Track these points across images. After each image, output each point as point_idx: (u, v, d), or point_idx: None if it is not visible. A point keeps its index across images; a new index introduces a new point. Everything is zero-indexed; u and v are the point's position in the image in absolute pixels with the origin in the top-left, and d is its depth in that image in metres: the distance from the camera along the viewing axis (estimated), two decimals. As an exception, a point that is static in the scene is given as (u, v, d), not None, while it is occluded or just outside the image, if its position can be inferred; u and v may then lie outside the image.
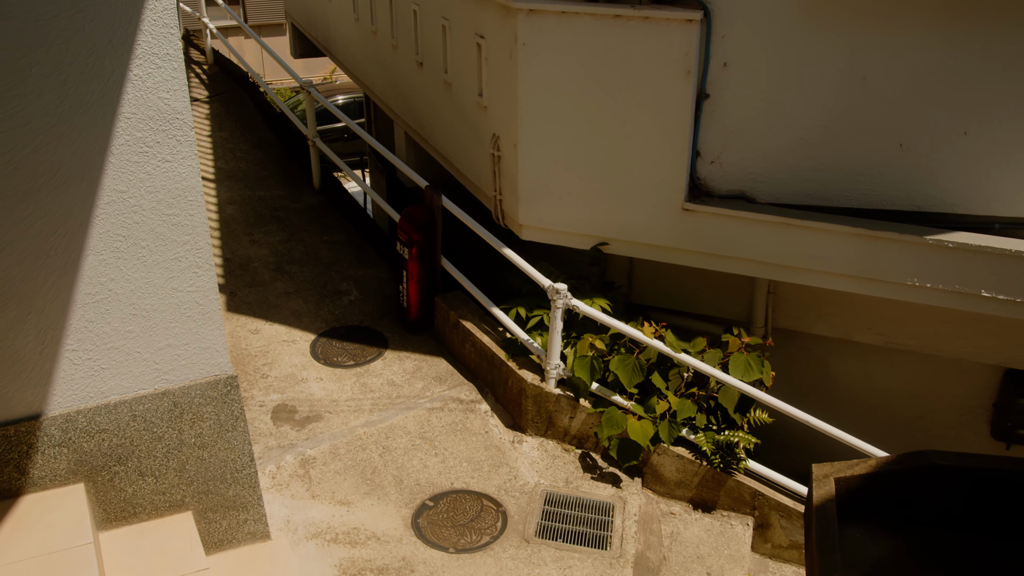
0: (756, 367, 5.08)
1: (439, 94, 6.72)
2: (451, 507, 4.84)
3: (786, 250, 5.18)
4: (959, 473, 3.02)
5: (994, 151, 4.95)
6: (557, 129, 5.35)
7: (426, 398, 5.61)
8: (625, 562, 4.57)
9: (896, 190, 5.19)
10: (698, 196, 5.28)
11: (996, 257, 4.83)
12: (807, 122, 5.09)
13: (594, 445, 5.30)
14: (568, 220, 5.61)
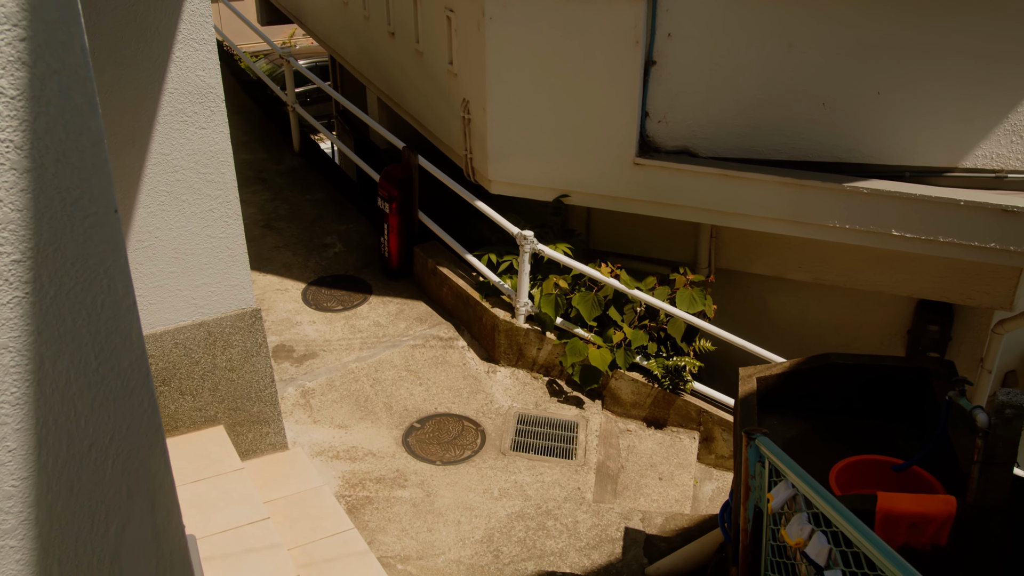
0: (700, 301, 5.82)
1: (411, 62, 7.31)
2: (436, 428, 5.54)
3: (725, 198, 5.90)
4: (853, 370, 3.78)
5: (904, 108, 5.69)
6: (522, 94, 5.99)
7: (409, 336, 6.28)
8: (588, 469, 5.31)
9: (820, 144, 5.91)
10: (647, 152, 5.97)
11: (905, 201, 5.59)
12: (742, 85, 5.79)
13: (559, 372, 6.02)
14: (532, 175, 6.27)
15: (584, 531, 4.59)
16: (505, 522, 4.62)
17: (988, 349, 6.44)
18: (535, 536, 4.52)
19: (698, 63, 5.75)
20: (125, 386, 1.52)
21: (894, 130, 5.80)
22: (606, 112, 5.88)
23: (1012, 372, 6.99)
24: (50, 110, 1.26)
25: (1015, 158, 5.80)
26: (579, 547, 4.46)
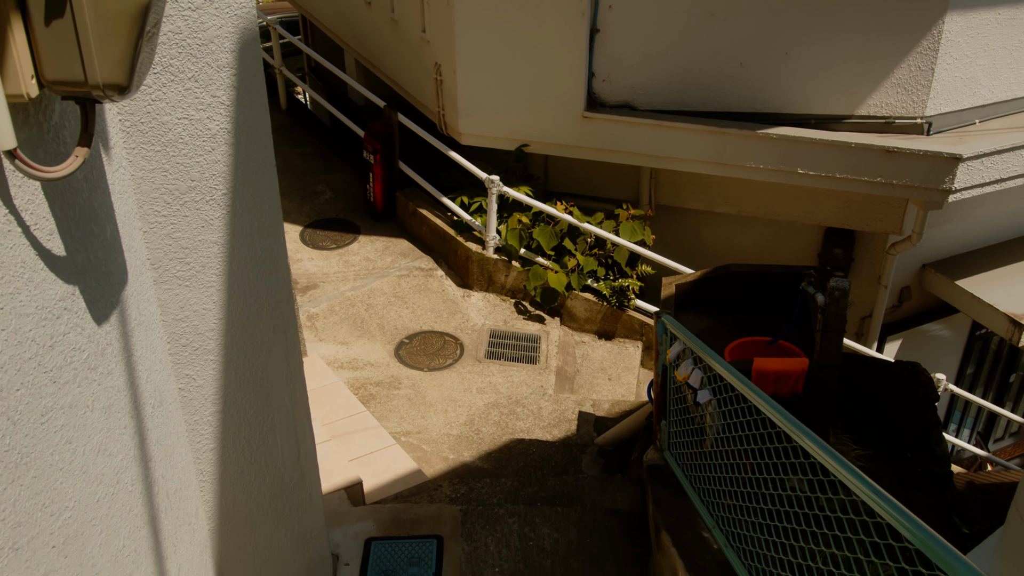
0: (640, 231, 6.95)
1: (387, 29, 8.27)
2: (422, 342, 6.65)
3: (661, 145, 7.00)
4: (748, 276, 4.93)
5: (808, 66, 6.79)
6: (487, 58, 7.01)
7: (395, 268, 7.36)
8: (550, 372, 6.46)
9: (739, 97, 7.02)
10: (594, 107, 7.04)
11: (807, 144, 6.73)
12: (672, 49, 6.85)
13: (524, 295, 7.14)
14: (497, 128, 7.32)
15: (546, 415, 5.76)
16: (483, 410, 5.77)
17: (884, 268, 7.67)
18: (507, 419, 5.67)
19: (635, 31, 6.81)
20: (274, 265, 2.60)
21: (800, 85, 6.92)
22: (558, 73, 6.93)
23: (907, 288, 8.26)
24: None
25: (900, 106, 6.96)
26: (542, 426, 5.62)
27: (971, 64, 6.87)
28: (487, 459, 5.00)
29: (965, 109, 7.12)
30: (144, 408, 2.14)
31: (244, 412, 2.64)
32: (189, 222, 2.32)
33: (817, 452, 2.51)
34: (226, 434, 2.62)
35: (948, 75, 6.81)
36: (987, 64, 6.92)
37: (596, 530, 3.98)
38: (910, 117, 7.00)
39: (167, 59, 2.10)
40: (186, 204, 2.31)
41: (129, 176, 2.18)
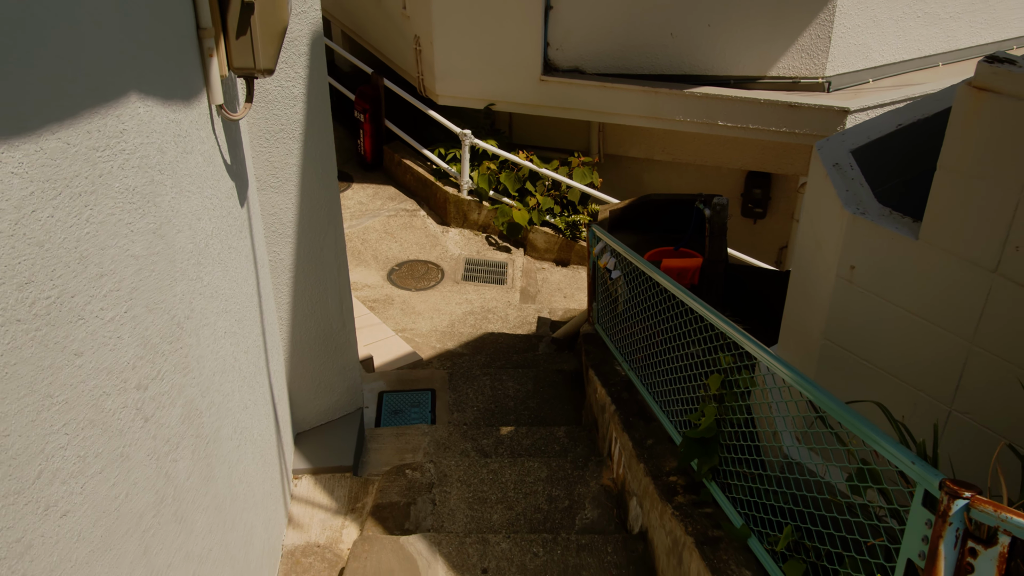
0: (589, 175, 8.39)
1: (372, 5, 9.58)
2: (410, 269, 8.07)
3: (606, 103, 8.41)
4: (663, 203, 6.38)
5: (727, 35, 8.21)
6: (459, 31, 8.36)
7: (384, 210, 8.76)
8: (515, 290, 7.91)
9: (671, 62, 8.43)
10: (549, 71, 8.43)
11: (726, 101, 8.17)
12: (613, 22, 8.24)
13: (493, 230, 8.57)
14: (469, 89, 8.69)
15: (512, 319, 7.23)
16: (461, 316, 7.22)
17: (796, 205, 9.17)
18: (481, 322, 7.13)
19: (582, 8, 8.19)
20: (329, 180, 4.01)
21: (721, 51, 8.35)
22: (519, 43, 8.31)
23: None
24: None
25: (804, 68, 8.41)
26: (509, 327, 7.09)
27: (863, 32, 8.32)
28: (466, 347, 6.46)
29: (860, 70, 8.59)
30: (256, 267, 3.57)
31: (308, 277, 4.08)
32: (279, 151, 3.74)
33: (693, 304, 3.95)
34: (295, 292, 4.05)
35: (843, 42, 8.27)
36: (876, 32, 8.39)
37: (547, 382, 5.46)
38: (813, 77, 8.45)
39: (273, 50, 3.49)
40: (277, 140, 3.72)
41: (246, 123, 3.58)
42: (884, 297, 2.93)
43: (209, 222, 2.72)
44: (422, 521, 3.92)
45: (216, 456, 2.69)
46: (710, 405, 3.20)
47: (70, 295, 1.76)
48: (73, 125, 1.76)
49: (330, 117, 3.96)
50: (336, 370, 4.44)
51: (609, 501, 4.06)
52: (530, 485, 4.17)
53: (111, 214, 1.94)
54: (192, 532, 2.48)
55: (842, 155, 3.26)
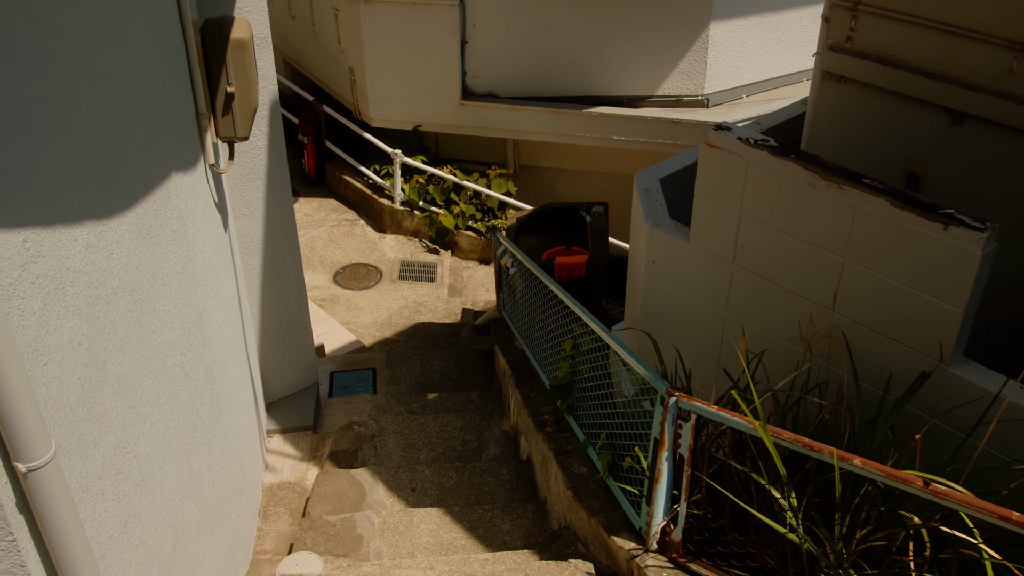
0: (506, 184, 9.75)
1: (310, 38, 10.81)
2: (352, 271, 9.34)
3: (517, 122, 9.76)
4: (560, 210, 7.74)
5: (618, 62, 9.62)
6: (388, 62, 9.64)
7: (328, 220, 10.02)
8: (444, 287, 9.23)
9: (572, 85, 9.82)
10: (468, 96, 9.76)
11: (619, 118, 9.58)
12: (520, 53, 9.60)
13: (424, 235, 9.88)
14: (399, 113, 9.97)
15: (441, 311, 8.55)
16: (397, 310, 8.52)
17: (685, 204, 10.62)
18: (414, 314, 8.44)
19: (493, 41, 9.53)
20: (286, 207, 5.29)
21: (614, 74, 9.76)
22: (440, 73, 9.62)
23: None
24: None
25: (686, 88, 9.86)
26: (438, 317, 8.41)
27: (734, 56, 9.81)
28: (401, 335, 7.76)
29: (734, 87, 10.08)
30: (234, 274, 4.83)
31: (273, 281, 5.35)
32: (248, 188, 5.01)
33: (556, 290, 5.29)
34: (264, 293, 5.33)
35: (717, 64, 9.74)
36: (746, 55, 9.88)
37: (466, 359, 6.80)
38: (693, 95, 9.92)
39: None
40: (247, 180, 4.99)
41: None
42: (674, 281, 4.33)
43: (210, 246, 4.00)
44: (367, 461, 5.23)
45: (223, 405, 3.98)
46: (565, 362, 4.57)
47: (150, 297, 3.05)
48: (149, 196, 3.05)
49: (285, 159, 5.25)
50: (296, 353, 5.73)
51: (507, 441, 5.42)
52: (448, 433, 5.51)
53: (166, 247, 3.23)
54: (211, 452, 3.77)
55: (652, 183, 4.66)
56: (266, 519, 4.74)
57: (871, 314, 3.66)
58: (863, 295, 3.66)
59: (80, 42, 2.57)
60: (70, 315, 2.48)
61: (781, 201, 3.77)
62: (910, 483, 2.63)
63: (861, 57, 4.35)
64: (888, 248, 3.52)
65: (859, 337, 3.72)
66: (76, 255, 2.53)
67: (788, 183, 3.72)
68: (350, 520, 4.48)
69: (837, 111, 4.57)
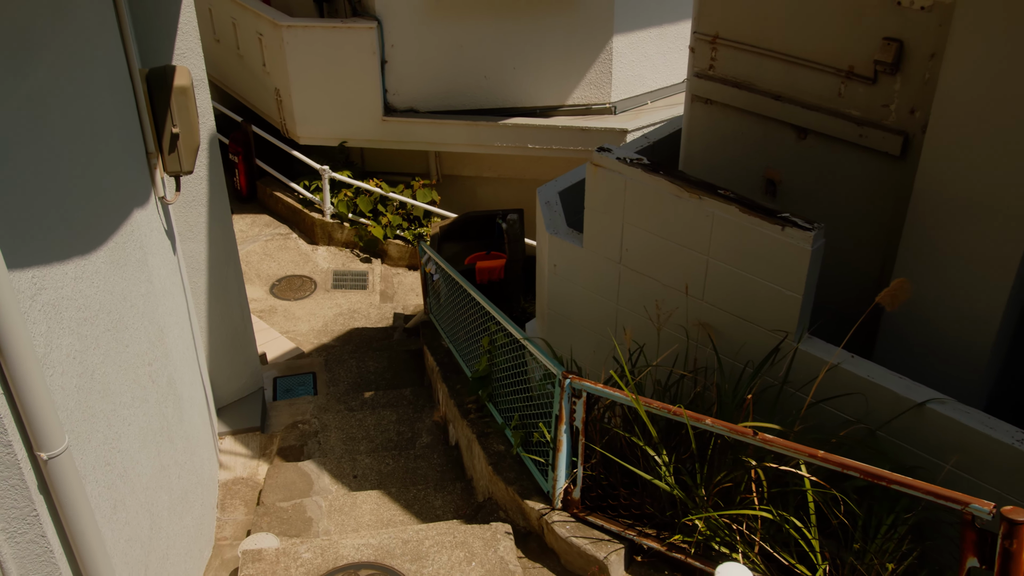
0: (430, 194, 10.37)
1: (236, 61, 11.28)
2: (288, 283, 9.86)
3: (437, 136, 10.39)
4: (479, 218, 8.40)
5: (530, 76, 10.31)
6: (313, 83, 10.18)
7: (262, 235, 10.52)
8: (376, 293, 9.82)
9: (488, 98, 10.49)
10: (389, 112, 10.36)
11: (533, 128, 10.28)
12: (437, 70, 10.23)
13: (355, 245, 10.45)
14: (325, 131, 10.52)
15: (374, 316, 9.14)
16: (332, 317, 9.09)
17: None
18: (348, 321, 9.02)
19: (411, 60, 10.14)
20: (227, 230, 5.85)
21: (527, 87, 10.45)
22: (362, 92, 10.20)
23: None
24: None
25: (594, 97, 10.60)
26: (371, 323, 9.00)
27: (637, 65, 10.59)
28: (337, 340, 8.34)
29: (639, 95, 10.87)
30: (184, 292, 5.38)
31: (217, 296, 5.90)
32: (192, 214, 5.56)
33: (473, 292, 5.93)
34: (210, 307, 5.87)
35: (622, 74, 10.50)
36: (648, 65, 10.67)
37: (399, 360, 7.42)
38: (602, 103, 10.67)
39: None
40: (191, 207, 5.54)
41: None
42: (573, 282, 5.03)
43: (164, 269, 4.56)
44: (312, 454, 5.82)
45: (184, 408, 4.54)
46: (484, 356, 5.23)
47: (122, 316, 3.62)
48: (118, 231, 3.62)
49: (224, 186, 5.80)
50: (242, 361, 6.28)
51: (438, 430, 6.06)
52: (385, 426, 6.13)
53: (132, 273, 3.80)
54: (176, 449, 4.33)
55: (552, 195, 5.35)
56: (224, 510, 5.30)
57: (733, 302, 4.39)
58: (725, 286, 4.39)
59: (61, 114, 3.15)
60: (66, 335, 3.05)
61: (655, 210, 4.49)
62: (745, 435, 3.36)
63: (722, 83, 5.10)
64: (741, 246, 4.26)
65: (724, 322, 4.45)
66: (68, 285, 3.10)
67: (660, 195, 4.44)
68: (300, 505, 5.07)
69: (706, 128, 5.32)
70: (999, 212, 4.08)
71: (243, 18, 10.67)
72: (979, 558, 2.89)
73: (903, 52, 4.38)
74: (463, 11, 9.91)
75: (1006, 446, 3.72)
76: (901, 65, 4.41)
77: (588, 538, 4.01)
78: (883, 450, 3.98)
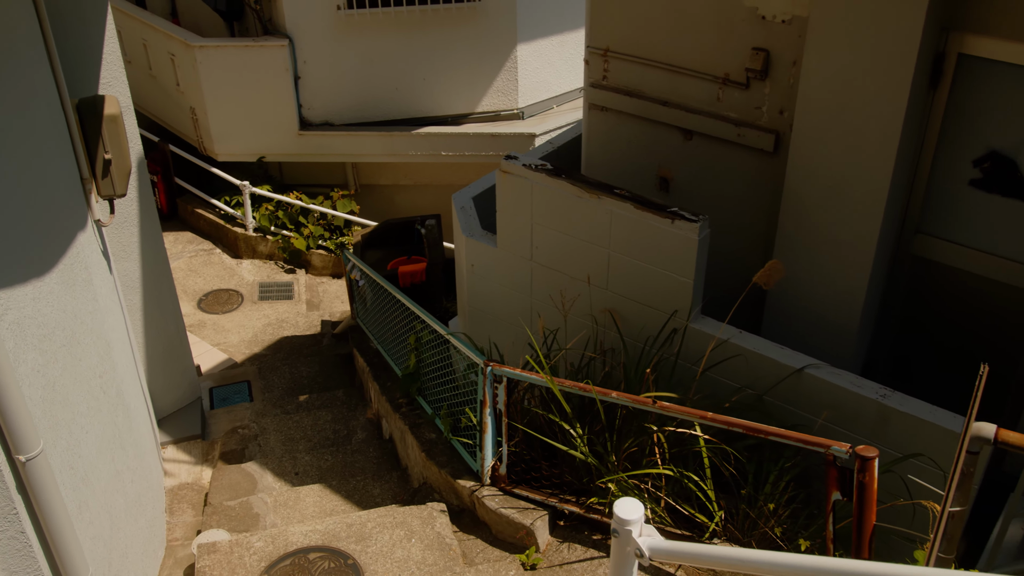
0: (350, 204, 10.70)
1: (148, 81, 11.41)
2: (215, 297, 10.08)
3: (353, 147, 10.73)
4: (398, 225, 8.78)
5: (440, 86, 10.72)
6: (228, 101, 10.41)
7: (186, 252, 10.70)
8: (302, 303, 10.11)
9: (400, 109, 10.87)
10: (305, 127, 10.65)
11: (445, 136, 10.70)
12: (349, 84, 10.57)
13: (279, 257, 10.71)
14: (242, 147, 10.76)
15: (302, 324, 9.44)
16: (261, 328, 9.35)
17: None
18: (277, 330, 9.30)
19: (324, 76, 10.46)
20: (158, 250, 6.12)
21: (437, 97, 10.87)
22: (278, 108, 10.47)
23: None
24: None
25: (502, 103, 11.07)
26: (300, 331, 9.29)
27: (541, 72, 11.09)
28: (268, 349, 8.62)
29: (545, 99, 11.38)
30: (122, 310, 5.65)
31: (152, 313, 6.17)
32: (125, 234, 5.83)
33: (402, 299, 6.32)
34: (146, 323, 6.14)
35: (528, 81, 11.00)
36: (552, 71, 11.18)
37: (330, 364, 7.76)
38: (510, 110, 11.15)
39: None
40: (123, 228, 5.81)
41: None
42: (489, 279, 5.48)
43: (104, 287, 4.85)
44: (253, 456, 6.14)
45: (132, 418, 4.84)
46: (412, 353, 5.63)
47: (75, 333, 3.93)
48: (66, 254, 3.92)
49: (154, 206, 6.08)
50: (179, 373, 6.55)
51: (372, 426, 6.44)
52: (321, 426, 6.48)
53: (81, 293, 4.10)
54: (128, 455, 4.63)
55: (466, 201, 5.78)
56: (172, 514, 5.59)
57: (633, 289, 4.90)
58: (626, 276, 4.89)
59: (13, 149, 3.46)
60: (30, 350, 3.37)
61: (560, 210, 4.96)
62: (646, 404, 3.85)
63: (615, 91, 5.61)
64: (638, 239, 4.76)
65: (627, 307, 4.95)
66: (28, 306, 3.41)
67: (563, 196, 4.91)
68: (247, 503, 5.40)
69: (603, 133, 5.83)
70: (854, 199, 4.67)
71: (154, 39, 10.84)
72: (841, 492, 3.42)
73: (770, 60, 4.94)
74: (372, 26, 10.28)
75: (872, 400, 4.30)
76: (769, 72, 4.98)
77: (515, 508, 4.46)
78: (769, 412, 4.53)
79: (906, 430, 4.20)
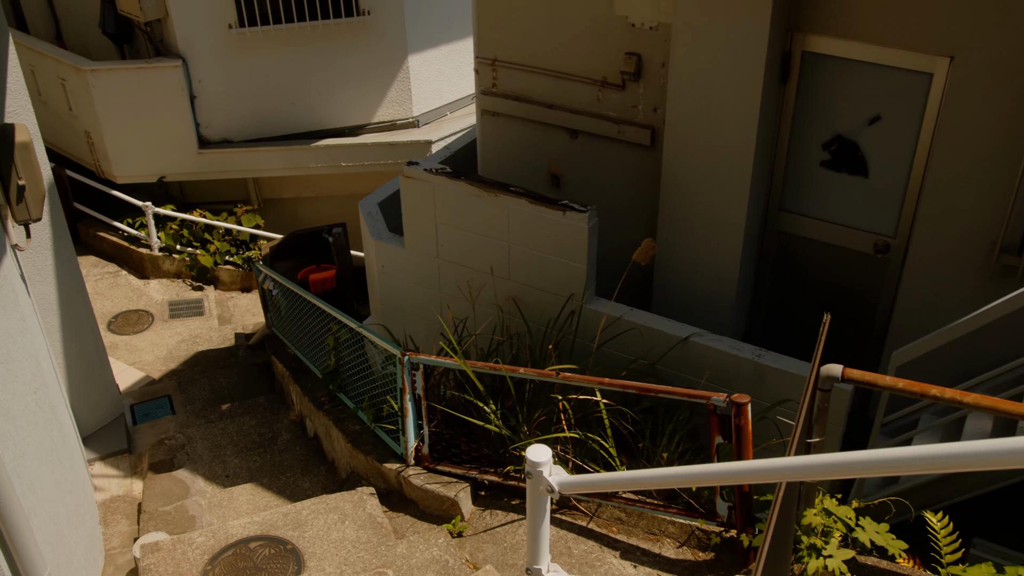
0: (254, 219, 10.89)
1: (39, 107, 11.33)
2: (124, 318, 10.14)
3: (253, 163, 10.92)
4: (305, 235, 9.06)
5: (335, 99, 11.01)
6: (124, 123, 10.48)
7: (91, 276, 10.70)
8: (214, 318, 10.26)
9: (298, 123, 11.11)
10: (204, 145, 10.79)
11: (343, 147, 10.99)
12: (246, 101, 10.76)
13: (186, 275, 10.82)
14: (141, 168, 10.83)
15: (216, 339, 9.60)
16: (175, 345, 9.49)
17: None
18: (192, 346, 9.44)
19: (219, 93, 10.63)
20: (74, 273, 6.29)
21: (334, 109, 11.16)
22: (175, 128, 10.59)
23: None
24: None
25: (397, 113, 11.43)
26: (214, 345, 9.46)
27: (433, 81, 11.49)
28: (185, 364, 8.78)
29: (439, 107, 11.78)
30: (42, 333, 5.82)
31: (72, 332, 6.33)
32: (39, 258, 5.99)
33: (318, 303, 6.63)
34: (66, 344, 6.30)
35: (420, 90, 11.38)
36: (443, 79, 11.59)
37: (248, 373, 7.99)
38: (405, 119, 11.52)
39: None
40: (38, 252, 5.97)
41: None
42: (400, 278, 5.86)
43: (28, 309, 5.05)
44: (183, 464, 6.37)
45: (65, 432, 5.04)
46: (331, 353, 5.97)
47: (10, 351, 4.16)
48: None
49: (68, 232, 6.24)
50: (101, 391, 6.71)
51: (296, 427, 6.74)
52: (246, 431, 6.74)
53: (11, 312, 4.32)
54: (64, 467, 4.84)
55: (373, 207, 6.15)
56: (107, 525, 5.78)
57: (532, 277, 5.35)
58: (526, 266, 5.35)
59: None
60: (-23, 367, 3.61)
61: (461, 209, 5.39)
62: (549, 376, 4.30)
63: (504, 97, 6.07)
64: (534, 231, 5.22)
65: (528, 294, 5.41)
66: (-29, 326, 3.65)
67: (463, 196, 5.33)
68: (182, 506, 5.64)
69: (496, 136, 6.28)
70: (722, 184, 5.24)
71: (42, 65, 10.81)
72: (722, 435, 3.94)
73: (642, 63, 5.47)
74: (264, 43, 10.50)
75: (749, 360, 4.85)
76: (642, 74, 5.51)
77: (439, 483, 4.86)
78: (661, 378, 5.05)
79: (779, 384, 4.78)
